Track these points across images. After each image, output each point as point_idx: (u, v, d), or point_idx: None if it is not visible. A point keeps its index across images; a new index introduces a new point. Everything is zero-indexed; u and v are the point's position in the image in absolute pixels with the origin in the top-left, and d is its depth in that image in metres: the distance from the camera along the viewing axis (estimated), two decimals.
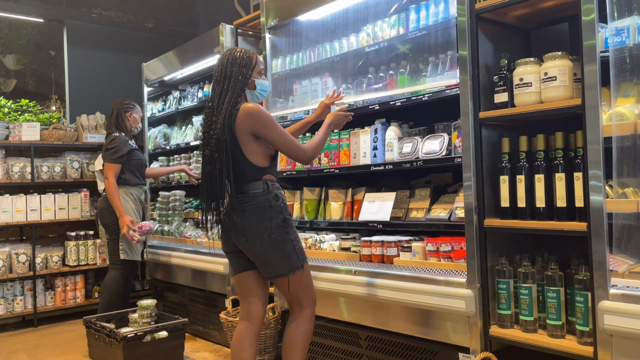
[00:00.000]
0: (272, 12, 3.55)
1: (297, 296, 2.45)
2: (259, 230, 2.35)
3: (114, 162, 3.90)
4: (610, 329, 1.96)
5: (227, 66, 2.44)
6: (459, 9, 2.45)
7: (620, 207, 1.96)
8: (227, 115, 2.35)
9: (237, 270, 2.51)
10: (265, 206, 2.37)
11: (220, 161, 2.35)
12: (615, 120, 1.95)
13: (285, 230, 2.39)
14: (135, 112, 4.17)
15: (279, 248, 2.37)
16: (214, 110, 2.41)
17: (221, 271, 3.87)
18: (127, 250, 3.92)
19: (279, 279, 2.42)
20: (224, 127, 2.34)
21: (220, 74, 2.45)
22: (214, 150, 2.36)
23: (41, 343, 4.25)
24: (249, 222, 2.35)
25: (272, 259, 2.38)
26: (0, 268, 4.58)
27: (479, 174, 2.42)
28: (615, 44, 1.96)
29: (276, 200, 2.40)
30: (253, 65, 2.48)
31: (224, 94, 2.41)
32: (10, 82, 8.23)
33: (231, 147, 2.35)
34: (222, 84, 2.43)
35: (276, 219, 2.37)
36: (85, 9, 6.13)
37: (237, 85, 2.42)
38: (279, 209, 2.39)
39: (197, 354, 3.82)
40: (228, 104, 2.37)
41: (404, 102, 2.83)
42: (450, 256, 2.58)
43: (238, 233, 2.38)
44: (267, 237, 2.35)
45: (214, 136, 2.36)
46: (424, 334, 2.62)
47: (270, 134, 2.37)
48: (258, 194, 2.37)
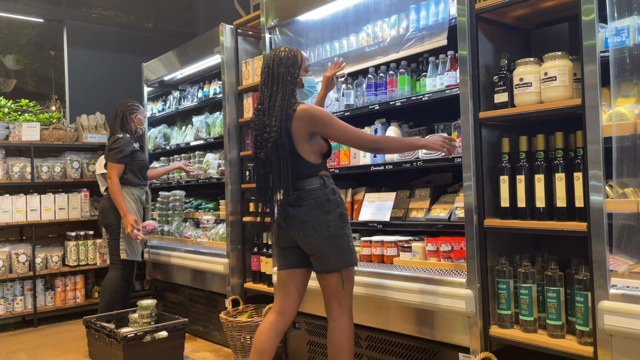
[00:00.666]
0: (272, 12, 3.55)
1: (340, 297, 2.43)
2: (317, 223, 2.37)
3: (117, 162, 3.92)
4: (610, 329, 1.96)
5: (273, 67, 2.45)
6: (459, 9, 2.45)
7: (620, 207, 1.96)
8: (284, 117, 2.37)
9: (285, 267, 2.54)
10: (323, 200, 2.40)
11: (279, 163, 2.38)
12: (615, 120, 1.95)
13: (342, 225, 2.42)
14: (139, 113, 4.19)
15: (336, 242, 2.39)
16: (265, 113, 2.42)
17: (221, 271, 3.87)
18: (127, 250, 3.93)
19: (329, 275, 2.41)
20: (280, 130, 2.35)
21: (268, 76, 2.46)
22: (270, 153, 2.38)
23: (41, 343, 4.25)
24: (307, 216, 2.38)
25: (328, 253, 2.39)
26: (0, 268, 4.58)
27: (479, 174, 2.42)
28: (615, 44, 1.96)
29: (333, 194, 2.44)
30: (299, 64, 2.49)
31: (274, 96, 2.41)
32: (10, 82, 8.23)
33: (288, 148, 2.38)
34: (270, 85, 2.44)
35: (334, 213, 2.40)
36: (85, 9, 6.13)
37: (287, 86, 2.43)
38: (336, 203, 2.43)
39: (197, 354, 3.82)
40: (281, 106, 2.38)
41: (404, 102, 2.83)
42: (450, 256, 2.58)
43: (296, 227, 2.40)
44: (325, 230, 2.37)
45: (270, 139, 2.37)
46: (424, 334, 2.62)
47: (332, 130, 2.40)
48: (316, 188, 2.41)
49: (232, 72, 4.02)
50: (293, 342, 3.37)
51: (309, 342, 3.26)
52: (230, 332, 3.44)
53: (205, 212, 4.46)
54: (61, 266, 4.93)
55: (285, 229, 2.45)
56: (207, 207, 4.49)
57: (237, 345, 3.42)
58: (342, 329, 2.43)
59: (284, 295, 2.52)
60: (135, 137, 4.14)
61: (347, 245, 2.43)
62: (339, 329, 2.43)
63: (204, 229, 4.29)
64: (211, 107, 4.58)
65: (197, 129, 4.49)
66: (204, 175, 4.37)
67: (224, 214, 4.03)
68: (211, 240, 4.13)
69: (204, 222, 4.27)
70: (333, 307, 2.45)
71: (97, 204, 5.01)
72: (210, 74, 4.55)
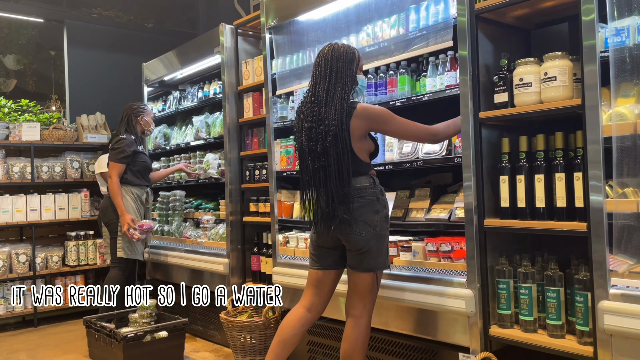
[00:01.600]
0: (272, 12, 3.55)
1: (366, 297, 2.44)
2: (366, 221, 2.37)
3: (118, 162, 3.94)
4: (610, 329, 1.96)
5: (332, 61, 2.43)
6: (459, 9, 2.45)
7: (620, 207, 1.96)
8: (344, 112, 2.35)
9: (322, 266, 2.55)
10: (373, 199, 2.41)
11: (337, 158, 2.36)
12: (615, 120, 1.95)
13: (386, 226, 2.45)
14: (145, 115, 4.21)
15: (379, 242, 2.41)
16: (322, 105, 2.39)
17: (221, 271, 3.87)
18: (125, 249, 3.94)
19: (363, 274, 2.42)
20: (342, 124, 2.34)
21: (325, 69, 2.43)
22: (329, 146, 2.36)
23: (41, 343, 4.25)
24: (357, 213, 2.37)
25: (371, 251, 2.40)
26: (0, 268, 4.58)
27: (479, 174, 2.42)
28: (615, 44, 1.96)
29: (382, 194, 2.46)
30: (357, 61, 2.49)
31: (331, 89, 2.40)
32: (10, 82, 8.23)
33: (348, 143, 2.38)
34: (328, 78, 2.42)
35: (381, 213, 2.42)
36: (85, 9, 6.14)
37: (348, 81, 2.42)
38: (384, 204, 2.45)
39: (197, 354, 3.82)
40: (341, 100, 2.37)
41: (404, 102, 2.83)
42: (450, 256, 2.58)
43: (344, 224, 2.38)
44: (373, 229, 2.38)
45: (330, 132, 2.35)
46: (424, 334, 2.62)
47: (393, 128, 2.44)
48: (367, 187, 2.41)
49: (232, 72, 4.02)
50: None
51: (309, 342, 3.26)
52: (230, 332, 3.44)
53: (205, 212, 4.46)
54: (61, 266, 4.94)
55: (330, 226, 2.42)
56: (207, 207, 4.49)
57: (237, 345, 3.42)
58: (361, 328, 2.43)
59: (316, 294, 2.55)
60: (140, 140, 4.17)
61: (387, 247, 2.47)
62: (358, 328, 2.43)
63: (204, 229, 4.29)
64: (211, 107, 4.58)
65: (197, 129, 4.50)
66: (204, 175, 4.37)
67: (224, 214, 4.03)
68: (211, 240, 4.14)
69: (204, 222, 4.27)
70: (356, 306, 2.46)
71: (98, 204, 5.02)
72: (210, 74, 4.56)
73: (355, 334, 2.42)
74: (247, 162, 3.99)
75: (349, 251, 2.45)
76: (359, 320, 2.44)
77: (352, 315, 2.45)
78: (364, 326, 2.43)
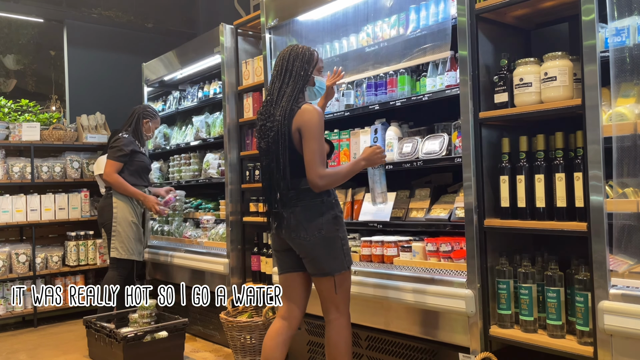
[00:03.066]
0: (272, 12, 3.55)
1: (335, 300, 2.40)
2: (310, 225, 2.33)
3: (115, 160, 3.94)
4: (610, 329, 1.96)
5: (289, 60, 2.43)
6: (459, 9, 2.45)
7: (620, 207, 1.96)
8: (288, 111, 2.33)
9: (283, 271, 2.51)
10: (317, 201, 2.36)
11: (277, 154, 2.34)
12: (615, 120, 1.95)
13: (336, 228, 2.38)
14: (152, 122, 4.22)
15: (329, 245, 2.36)
16: (273, 103, 2.40)
17: (221, 271, 3.87)
18: (119, 249, 3.91)
19: (322, 279, 2.38)
20: (284, 120, 2.32)
21: (282, 68, 2.43)
22: (271, 143, 2.36)
23: (41, 343, 4.25)
24: (300, 217, 2.34)
25: (320, 256, 2.36)
26: (0, 268, 4.58)
27: (479, 174, 2.42)
28: (615, 44, 1.96)
29: (328, 196, 2.39)
30: (315, 62, 2.47)
31: (284, 87, 2.40)
32: (10, 82, 8.23)
33: (288, 142, 2.34)
34: (282, 77, 2.42)
35: (327, 215, 2.36)
36: (85, 9, 6.13)
37: (299, 80, 2.41)
38: (330, 205, 2.39)
39: (197, 354, 3.82)
40: (289, 98, 2.36)
41: (404, 102, 2.83)
42: (450, 256, 2.58)
43: (289, 228, 2.36)
44: (318, 232, 2.34)
45: (273, 129, 2.35)
46: (424, 334, 2.62)
47: (309, 138, 2.30)
48: (310, 189, 2.35)
49: (232, 72, 4.02)
50: (293, 342, 3.36)
51: (309, 342, 3.26)
52: (230, 332, 3.44)
53: (205, 212, 4.46)
54: (61, 266, 4.94)
55: (277, 230, 2.42)
56: (207, 207, 4.49)
57: (237, 345, 3.42)
58: (339, 332, 2.40)
59: (287, 299, 2.51)
60: (142, 141, 4.16)
61: (340, 248, 2.39)
62: (336, 332, 2.40)
63: (204, 229, 4.29)
64: (211, 107, 4.58)
65: (197, 129, 4.49)
66: (203, 175, 4.37)
67: (224, 214, 4.03)
68: (211, 240, 4.14)
69: (204, 222, 4.27)
70: (329, 310, 2.43)
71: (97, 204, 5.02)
72: (210, 74, 4.56)
73: (335, 337, 2.40)
74: (247, 162, 3.99)
75: (301, 257, 2.42)
76: (336, 323, 2.41)
77: (328, 320, 2.43)
78: (342, 328, 2.40)
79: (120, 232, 3.92)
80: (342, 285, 2.40)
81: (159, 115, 4.34)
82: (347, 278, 2.44)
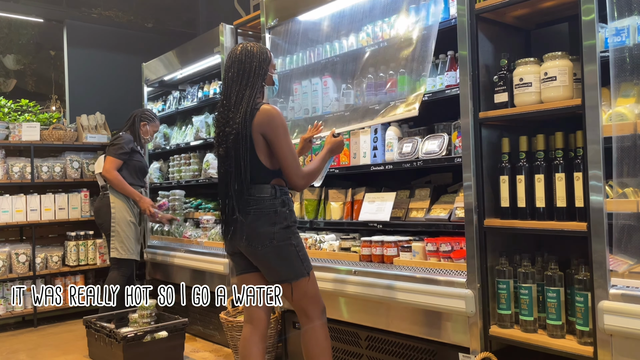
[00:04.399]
0: (272, 12, 3.55)
1: (301, 306, 2.38)
2: (261, 234, 2.28)
3: (115, 157, 3.97)
4: (610, 329, 1.96)
5: (244, 61, 2.34)
6: (459, 9, 2.45)
7: (620, 207, 1.96)
8: (249, 112, 2.26)
9: (238, 272, 2.48)
10: (270, 211, 2.30)
11: (238, 158, 2.27)
12: (615, 120, 1.95)
13: (288, 236, 2.32)
14: (150, 125, 4.25)
15: (282, 254, 2.31)
16: (231, 107, 2.31)
17: (221, 271, 3.87)
18: (119, 249, 3.93)
19: (283, 285, 2.35)
20: (244, 123, 2.25)
21: (238, 70, 2.34)
22: (230, 147, 2.29)
23: (41, 343, 4.25)
24: (252, 226, 2.28)
25: (274, 265, 2.33)
26: (0, 268, 4.58)
27: (479, 174, 2.42)
28: (615, 44, 1.96)
29: (282, 206, 2.33)
30: (269, 60, 2.41)
31: (242, 89, 2.31)
32: (10, 82, 8.23)
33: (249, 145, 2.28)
34: (240, 79, 2.32)
35: (279, 225, 2.30)
36: (85, 9, 6.14)
37: (258, 80, 2.34)
38: (284, 216, 2.33)
39: (197, 354, 3.82)
40: (249, 100, 2.28)
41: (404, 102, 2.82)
42: (450, 256, 2.58)
43: (241, 236, 2.31)
44: (269, 242, 2.28)
45: (232, 132, 2.27)
46: (424, 334, 2.62)
47: (278, 142, 2.27)
48: (265, 198, 2.29)
49: None
50: (293, 342, 3.37)
51: None
52: (230, 332, 3.44)
53: (205, 212, 4.46)
54: (61, 266, 4.93)
55: (232, 237, 2.35)
56: (207, 207, 4.49)
57: (237, 345, 3.41)
58: (316, 334, 2.37)
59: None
60: (140, 142, 4.19)
61: (295, 255, 2.33)
62: (312, 335, 2.37)
63: (204, 229, 4.29)
64: (211, 107, 4.58)
65: (197, 129, 4.49)
66: (203, 175, 4.37)
67: None
68: (211, 240, 4.13)
69: (204, 222, 4.27)
70: (300, 315, 2.41)
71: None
72: (210, 74, 4.55)
73: (312, 341, 2.37)
74: None
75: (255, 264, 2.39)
76: (309, 326, 2.38)
77: (302, 323, 2.42)
78: (318, 330, 2.37)
79: (120, 232, 3.92)
80: (303, 291, 2.35)
81: (158, 119, 4.35)
82: (308, 283, 2.37)
